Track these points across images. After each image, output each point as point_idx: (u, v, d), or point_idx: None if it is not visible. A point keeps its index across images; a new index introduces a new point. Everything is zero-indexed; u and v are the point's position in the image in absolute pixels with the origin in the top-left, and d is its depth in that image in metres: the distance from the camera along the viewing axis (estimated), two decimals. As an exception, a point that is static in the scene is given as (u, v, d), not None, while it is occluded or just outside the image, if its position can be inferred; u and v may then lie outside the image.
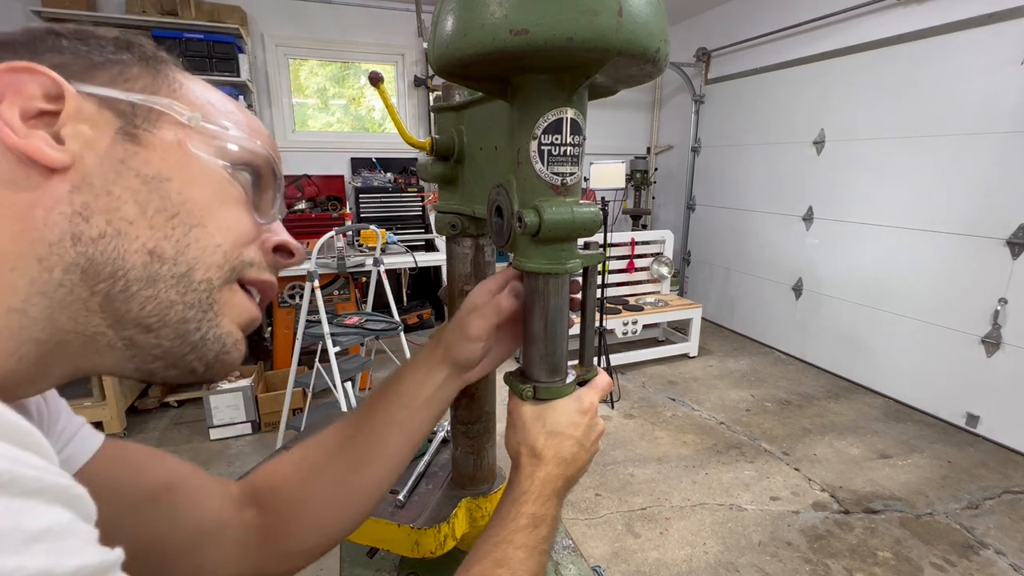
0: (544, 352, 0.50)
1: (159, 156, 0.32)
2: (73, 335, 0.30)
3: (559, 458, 0.48)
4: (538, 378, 0.51)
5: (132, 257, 0.30)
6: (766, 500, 2.26)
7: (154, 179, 0.31)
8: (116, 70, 0.32)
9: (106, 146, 0.31)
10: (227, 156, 0.35)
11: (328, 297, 3.26)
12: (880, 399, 3.19)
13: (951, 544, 2.00)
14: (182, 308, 0.33)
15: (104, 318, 0.31)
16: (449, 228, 0.64)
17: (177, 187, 0.32)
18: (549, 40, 0.36)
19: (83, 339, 0.31)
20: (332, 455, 0.52)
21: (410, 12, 4.17)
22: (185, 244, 0.32)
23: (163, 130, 0.33)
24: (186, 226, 0.32)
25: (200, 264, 0.33)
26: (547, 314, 0.49)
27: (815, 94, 3.53)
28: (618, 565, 1.90)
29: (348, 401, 2.37)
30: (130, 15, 3.30)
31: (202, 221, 0.33)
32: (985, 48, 2.60)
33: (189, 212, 0.32)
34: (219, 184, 0.35)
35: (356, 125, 4.60)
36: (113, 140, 0.31)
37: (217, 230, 0.34)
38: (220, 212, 0.34)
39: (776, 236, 3.95)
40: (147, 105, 0.32)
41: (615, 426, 2.88)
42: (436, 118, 0.66)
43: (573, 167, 0.46)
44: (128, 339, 0.32)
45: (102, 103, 0.31)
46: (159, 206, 0.31)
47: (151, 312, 0.31)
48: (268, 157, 0.38)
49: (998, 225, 2.60)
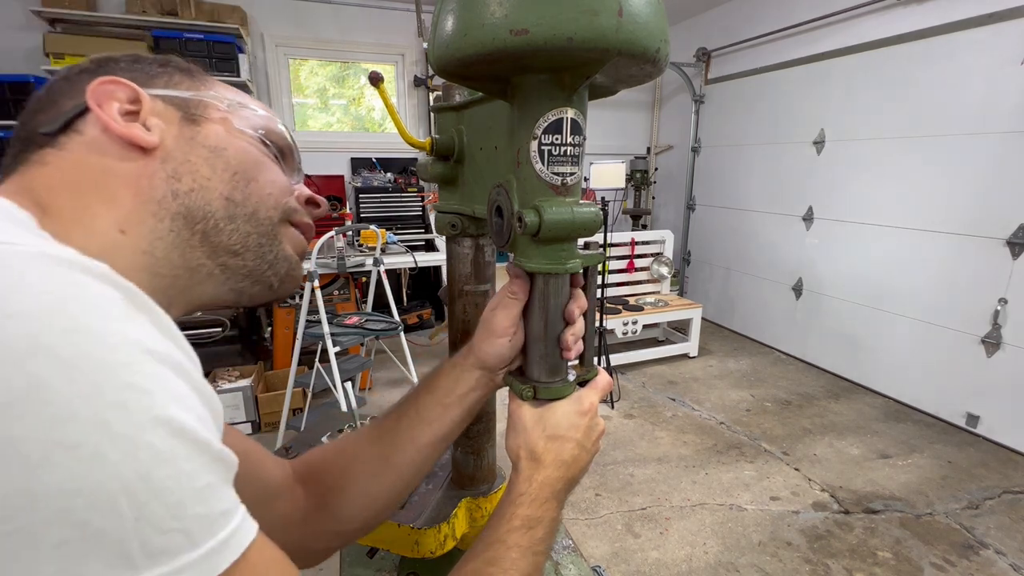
0: (544, 352, 0.50)
1: (214, 132, 0.42)
2: (183, 270, 0.40)
3: (559, 461, 0.48)
4: (538, 378, 0.51)
5: (215, 203, 0.41)
6: (766, 500, 2.26)
7: (215, 148, 0.42)
8: (166, 78, 0.43)
9: (177, 130, 0.40)
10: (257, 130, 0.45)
11: (328, 297, 3.26)
12: (880, 399, 3.19)
13: (951, 544, 2.00)
14: (256, 236, 0.43)
15: (204, 251, 0.40)
16: (449, 228, 0.64)
17: (231, 153, 0.42)
18: (549, 40, 0.36)
19: (190, 271, 0.40)
20: (367, 448, 0.56)
21: (410, 12, 4.17)
22: (248, 192, 0.43)
23: (211, 115, 0.43)
24: (245, 179, 0.43)
25: (261, 206, 0.43)
26: (547, 314, 0.49)
27: (815, 94, 3.53)
28: (618, 565, 1.90)
29: (348, 401, 2.36)
30: (130, 15, 3.30)
31: (255, 176, 0.43)
32: (985, 48, 2.60)
33: (244, 170, 0.43)
34: (258, 151, 0.45)
35: (356, 125, 4.60)
36: (180, 125, 0.41)
37: (266, 183, 0.44)
38: (264, 170, 0.44)
39: (776, 236, 3.95)
40: (196, 99, 0.43)
41: (615, 426, 2.88)
42: (436, 118, 0.66)
43: (573, 167, 0.46)
44: (223, 264, 0.42)
45: (165, 101, 0.41)
46: (223, 166, 0.41)
47: (236, 241, 0.42)
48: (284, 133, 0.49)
49: (998, 225, 2.60)
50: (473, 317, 0.69)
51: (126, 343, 0.26)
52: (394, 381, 3.37)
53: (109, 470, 0.23)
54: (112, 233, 0.36)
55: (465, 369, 0.55)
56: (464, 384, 0.55)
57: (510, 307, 0.50)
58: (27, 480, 0.22)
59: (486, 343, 0.52)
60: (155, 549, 0.24)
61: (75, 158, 0.37)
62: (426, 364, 3.58)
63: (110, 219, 0.36)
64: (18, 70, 3.21)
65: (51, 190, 0.36)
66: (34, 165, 0.37)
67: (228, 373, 2.93)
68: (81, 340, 0.24)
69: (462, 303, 0.69)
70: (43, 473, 0.22)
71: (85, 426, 0.23)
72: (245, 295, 0.44)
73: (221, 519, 0.28)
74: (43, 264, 0.25)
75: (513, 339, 0.51)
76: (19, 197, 0.34)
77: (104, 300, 0.26)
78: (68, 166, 0.37)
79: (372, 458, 0.55)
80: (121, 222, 0.37)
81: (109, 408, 0.24)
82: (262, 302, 0.46)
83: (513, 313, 0.50)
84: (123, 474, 0.24)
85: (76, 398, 0.23)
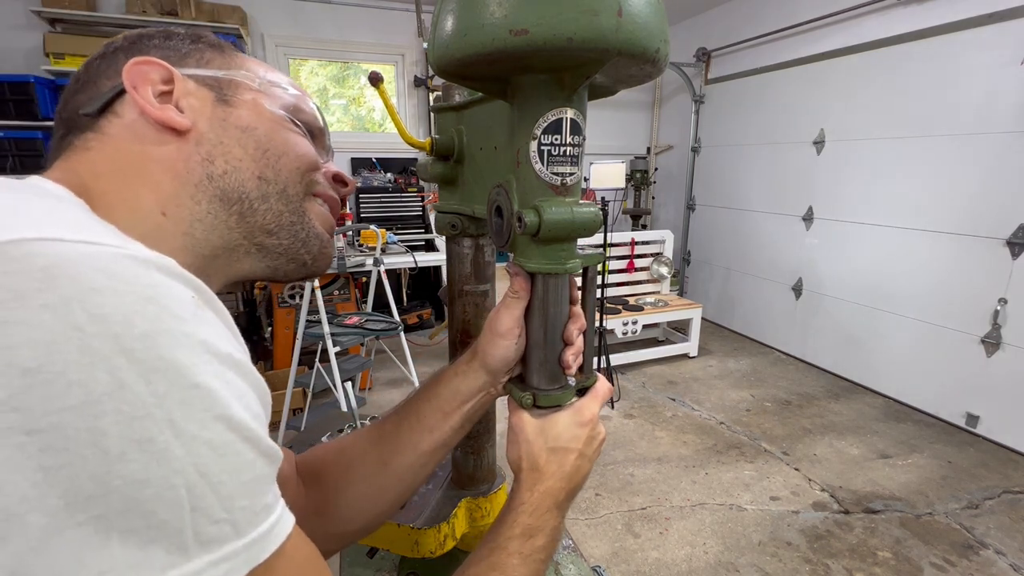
0: (544, 359, 0.50)
1: (246, 112, 0.43)
2: (222, 249, 0.41)
3: (561, 473, 0.49)
4: (538, 385, 0.50)
5: (248, 183, 0.42)
6: (766, 500, 2.26)
7: (247, 128, 0.42)
8: (198, 55, 0.43)
9: (210, 111, 0.41)
10: (288, 109, 0.46)
11: (328, 297, 3.26)
12: (880, 399, 3.19)
13: (951, 544, 2.00)
14: (288, 214, 0.44)
15: (240, 231, 0.42)
16: (449, 228, 0.64)
17: (262, 132, 0.43)
18: (549, 40, 0.36)
19: (229, 251, 0.42)
20: (367, 451, 0.56)
21: (410, 12, 4.17)
22: (278, 169, 0.44)
23: (242, 94, 0.43)
24: (276, 156, 0.43)
25: (291, 182, 0.45)
26: (546, 320, 0.49)
27: (815, 94, 3.53)
28: (618, 565, 1.90)
29: (348, 401, 2.36)
30: (130, 15, 3.30)
31: (285, 152, 0.44)
32: (985, 48, 2.60)
33: (275, 147, 0.44)
34: (287, 128, 0.45)
35: (356, 125, 4.60)
36: (213, 106, 0.42)
37: (296, 157, 0.45)
38: (293, 145, 0.45)
39: (776, 236, 3.95)
40: (227, 78, 0.43)
41: (615, 426, 2.88)
42: (436, 118, 0.66)
43: (573, 167, 0.46)
44: (259, 244, 0.43)
45: (198, 81, 0.42)
46: (255, 146, 0.42)
47: (270, 220, 0.43)
48: (313, 110, 0.49)
49: (998, 225, 2.60)
50: (473, 317, 0.69)
51: (194, 345, 0.28)
52: (394, 381, 3.37)
53: (175, 464, 0.25)
54: (155, 216, 0.38)
55: (469, 374, 0.54)
56: (466, 390, 0.54)
57: (512, 307, 0.50)
58: (105, 472, 0.24)
59: (491, 345, 0.51)
60: (206, 537, 0.27)
61: (116, 144, 0.39)
62: (426, 364, 3.58)
63: (152, 202, 0.38)
64: (18, 70, 3.21)
65: (97, 176, 0.37)
66: (78, 151, 0.39)
67: (228, 373, 2.93)
68: (157, 343, 0.26)
69: (462, 303, 0.69)
70: (120, 466, 0.24)
71: (158, 424, 0.25)
72: (280, 272, 0.46)
73: (264, 512, 0.30)
74: (126, 266, 0.27)
75: (518, 340, 0.50)
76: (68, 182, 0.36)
77: (177, 301, 0.28)
78: (111, 151, 0.38)
79: (372, 462, 0.55)
80: (162, 205, 0.38)
81: (177, 407, 0.26)
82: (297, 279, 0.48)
83: (516, 313, 0.50)
84: (186, 469, 0.26)
85: (151, 397, 0.25)
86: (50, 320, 0.23)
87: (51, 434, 0.23)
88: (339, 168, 0.52)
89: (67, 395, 0.23)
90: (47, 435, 0.23)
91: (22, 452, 0.22)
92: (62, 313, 0.24)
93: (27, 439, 0.22)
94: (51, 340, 0.23)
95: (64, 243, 0.26)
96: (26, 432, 0.22)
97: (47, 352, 0.23)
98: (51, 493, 0.23)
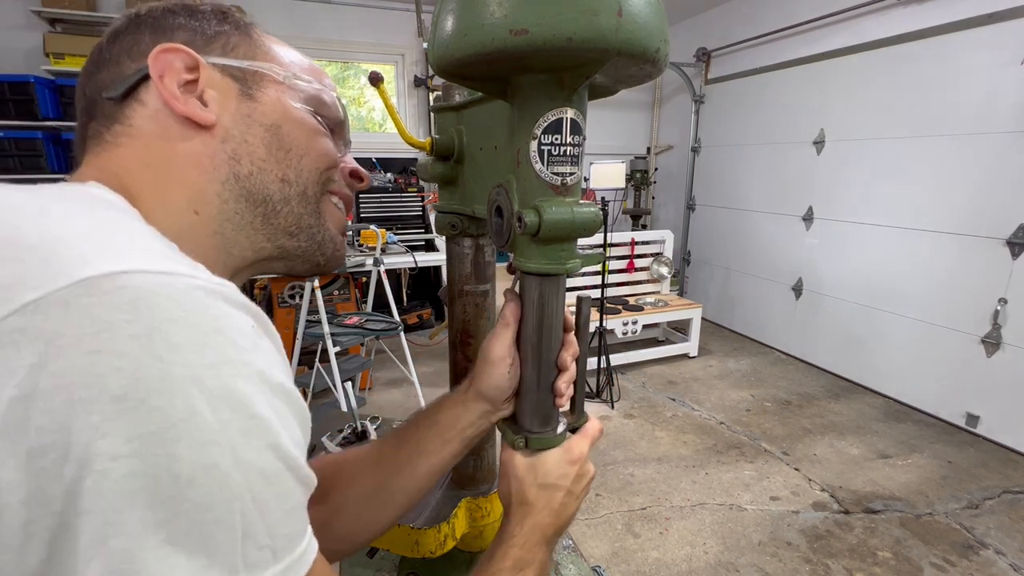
0: (536, 403, 0.51)
1: (270, 108, 0.42)
2: (250, 251, 0.42)
3: (550, 509, 0.50)
4: (530, 428, 0.52)
5: (272, 186, 0.42)
6: (766, 500, 2.26)
7: (272, 127, 0.42)
8: (223, 40, 0.42)
9: (235, 106, 0.41)
10: (311, 103, 0.45)
11: (328, 297, 3.25)
12: (880, 399, 3.19)
13: (951, 544, 2.00)
14: (307, 216, 0.45)
15: (264, 234, 0.42)
16: (449, 228, 0.64)
17: (286, 130, 0.43)
18: (549, 40, 0.36)
19: (256, 252, 0.43)
20: (365, 472, 0.56)
21: (410, 12, 4.17)
22: (300, 169, 0.43)
23: (267, 88, 0.43)
24: (298, 156, 0.43)
25: (310, 182, 0.44)
26: (540, 365, 0.50)
27: (815, 94, 3.53)
28: (618, 565, 1.90)
29: (348, 401, 2.36)
30: (130, 15, 3.30)
31: (307, 152, 0.44)
32: (985, 48, 2.60)
33: (298, 147, 0.43)
34: (310, 124, 0.45)
35: (356, 125, 4.59)
36: (238, 100, 0.41)
37: (316, 156, 0.45)
38: (315, 144, 0.45)
39: (776, 236, 3.95)
40: (252, 69, 0.42)
41: (615, 426, 2.88)
42: (436, 118, 0.66)
43: (573, 167, 0.46)
44: (281, 246, 0.44)
45: (223, 71, 0.41)
46: (279, 146, 0.42)
47: (292, 223, 0.44)
48: (335, 102, 0.48)
49: (998, 225, 2.60)
50: (473, 317, 0.69)
51: (252, 375, 0.29)
52: (394, 381, 3.37)
53: (235, 490, 0.27)
54: (188, 214, 0.39)
55: (467, 404, 0.55)
56: (465, 419, 0.55)
57: (503, 335, 0.51)
58: (175, 495, 0.25)
59: (484, 374, 0.52)
60: (251, 561, 0.28)
61: (146, 140, 0.39)
62: (426, 364, 3.58)
63: (184, 200, 0.38)
64: (18, 70, 3.21)
65: (130, 173, 0.38)
66: (109, 147, 0.39)
67: (228, 373, 2.93)
68: (223, 373, 0.27)
69: (462, 303, 0.69)
70: (189, 490, 0.25)
71: (223, 450, 0.26)
72: (295, 271, 0.47)
73: (298, 538, 0.31)
74: (198, 297, 0.28)
75: (511, 369, 0.51)
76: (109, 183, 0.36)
77: (239, 332, 0.29)
78: (140, 147, 0.39)
79: (370, 483, 0.56)
80: (194, 203, 0.39)
81: (238, 435, 0.27)
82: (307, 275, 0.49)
83: (506, 341, 0.51)
84: (243, 495, 0.27)
85: (217, 425, 0.26)
86: (136, 350, 0.25)
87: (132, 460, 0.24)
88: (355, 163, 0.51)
89: (148, 420, 0.24)
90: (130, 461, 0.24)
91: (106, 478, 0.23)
92: (145, 343, 0.25)
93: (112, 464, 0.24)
94: (135, 368, 0.25)
95: (146, 275, 0.27)
96: (111, 458, 0.24)
97: (132, 380, 0.24)
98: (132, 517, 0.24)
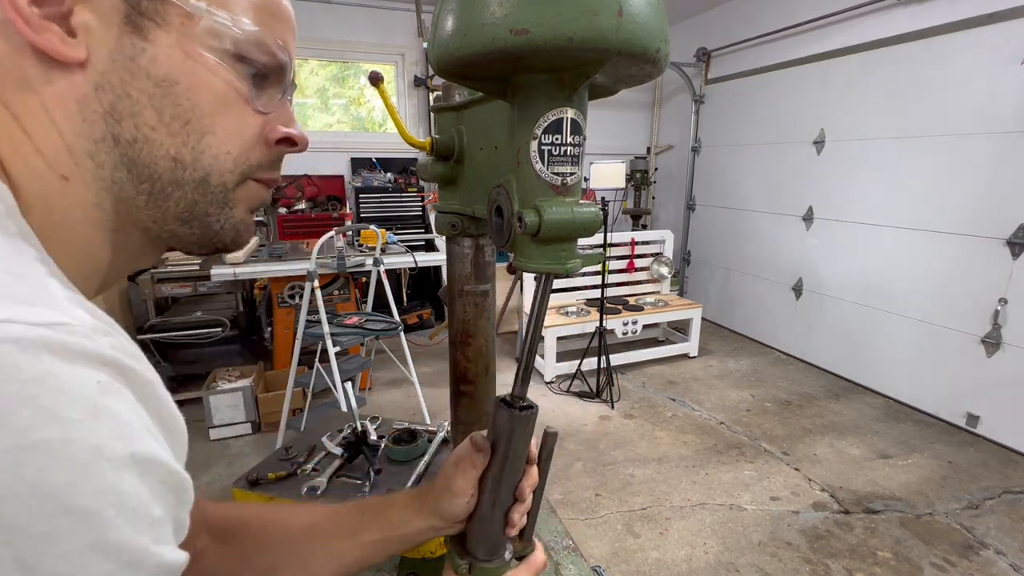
0: (488, 532, 0.51)
1: (165, 54, 0.31)
2: (132, 228, 0.35)
3: None
4: (476, 554, 0.51)
5: (160, 163, 0.33)
6: (766, 500, 2.26)
7: (164, 82, 0.32)
8: None
9: (115, 39, 0.30)
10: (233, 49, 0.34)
11: (328, 297, 3.25)
12: (880, 399, 3.19)
13: (951, 544, 2.00)
14: (204, 205, 0.36)
15: (150, 214, 0.35)
16: (449, 228, 0.64)
17: (185, 91, 0.32)
18: (549, 40, 0.36)
19: (139, 231, 0.36)
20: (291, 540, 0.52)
21: (410, 12, 4.18)
22: (200, 151, 0.34)
23: (167, 20, 0.31)
24: (198, 133, 0.34)
25: (214, 171, 0.35)
26: (498, 497, 0.50)
27: (815, 94, 3.53)
28: (618, 565, 1.90)
29: (348, 401, 2.36)
30: (130, 15, 3.30)
31: (211, 128, 0.34)
32: (985, 48, 2.60)
33: (199, 119, 0.34)
34: (224, 84, 0.34)
35: (356, 125, 4.60)
36: (120, 32, 0.30)
37: (225, 137, 0.35)
38: (226, 118, 0.35)
39: (776, 236, 3.95)
40: None
41: (615, 426, 2.88)
42: (436, 118, 0.66)
43: (573, 167, 0.46)
44: (171, 232, 0.37)
45: None
46: (173, 112, 0.33)
47: (184, 209, 0.36)
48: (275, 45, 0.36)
49: (998, 225, 2.60)
50: (473, 317, 0.69)
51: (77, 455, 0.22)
52: (394, 381, 3.37)
53: None
54: (55, 181, 0.31)
55: (423, 512, 0.52)
56: (415, 526, 0.53)
57: (469, 472, 0.50)
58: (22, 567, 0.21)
59: (444, 500, 0.51)
60: None
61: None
62: (426, 364, 3.58)
63: (42, 163, 0.30)
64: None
65: None
66: None
67: (228, 373, 2.93)
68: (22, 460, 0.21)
69: (462, 303, 0.69)
70: None
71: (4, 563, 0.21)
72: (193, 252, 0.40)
73: None
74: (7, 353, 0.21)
75: (471, 500, 0.51)
76: None
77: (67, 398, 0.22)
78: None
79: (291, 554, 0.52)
80: (58, 165, 0.31)
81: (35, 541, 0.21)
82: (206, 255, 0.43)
83: (471, 478, 0.50)
84: None
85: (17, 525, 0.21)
86: None
87: None
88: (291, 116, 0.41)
89: None
90: None
91: None
92: None
93: None
94: None
95: None
96: None
97: None
98: None
